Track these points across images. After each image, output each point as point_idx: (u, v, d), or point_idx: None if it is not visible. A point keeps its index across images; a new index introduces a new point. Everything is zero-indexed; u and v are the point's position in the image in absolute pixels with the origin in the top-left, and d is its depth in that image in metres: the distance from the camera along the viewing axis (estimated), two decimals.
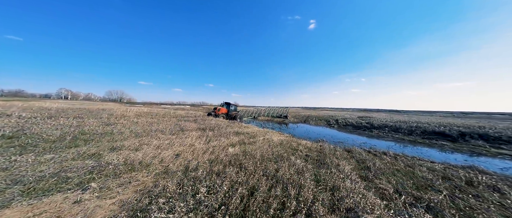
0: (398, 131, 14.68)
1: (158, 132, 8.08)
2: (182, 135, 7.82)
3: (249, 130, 11.39)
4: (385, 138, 13.07)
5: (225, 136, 8.12)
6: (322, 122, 25.53)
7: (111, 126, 8.71)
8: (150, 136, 7.24)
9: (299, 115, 35.81)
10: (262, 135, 9.95)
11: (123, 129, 8.26)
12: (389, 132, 14.81)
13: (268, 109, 38.01)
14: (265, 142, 7.91)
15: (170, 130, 8.95)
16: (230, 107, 22.69)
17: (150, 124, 10.03)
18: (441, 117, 35.70)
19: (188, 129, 9.47)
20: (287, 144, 7.88)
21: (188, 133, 8.40)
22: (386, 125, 16.44)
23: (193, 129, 9.59)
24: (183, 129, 9.35)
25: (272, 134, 10.63)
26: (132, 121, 10.80)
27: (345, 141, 11.58)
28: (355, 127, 18.44)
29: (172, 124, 10.98)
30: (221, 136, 8.16)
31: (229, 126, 12.45)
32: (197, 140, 7.01)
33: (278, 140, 8.78)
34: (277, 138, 9.66)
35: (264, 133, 10.88)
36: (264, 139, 8.68)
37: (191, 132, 8.72)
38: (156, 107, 46.70)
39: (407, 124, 15.51)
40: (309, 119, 28.40)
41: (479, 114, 53.61)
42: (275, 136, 10.36)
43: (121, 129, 8.07)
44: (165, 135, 7.66)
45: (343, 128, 19.08)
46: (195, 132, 8.77)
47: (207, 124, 11.87)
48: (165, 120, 13.10)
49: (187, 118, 16.57)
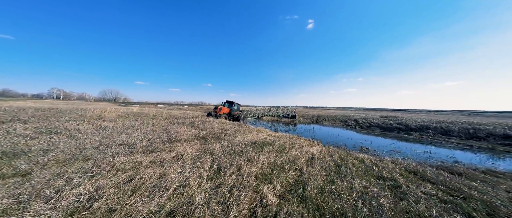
0: (449, 134, 11.69)
1: (124, 148, 4.85)
2: (168, 152, 4.66)
3: (265, 137, 8.30)
4: (439, 144, 10.02)
5: (241, 154, 4.94)
6: (337, 122, 22.53)
7: (48, 137, 5.52)
8: (101, 158, 4.03)
9: (307, 115, 32.83)
10: (289, 144, 6.87)
11: (64, 142, 5.09)
12: (436, 136, 11.81)
13: (273, 108, 34.93)
14: (305, 158, 4.83)
15: (150, 141, 5.72)
16: (233, 106, 19.61)
17: (124, 131, 6.82)
18: (453, 115, 32.95)
19: (181, 139, 6.26)
20: (340, 158, 4.82)
21: (180, 146, 5.25)
22: (427, 126, 13.42)
23: (188, 139, 6.41)
24: (173, 140, 6.15)
25: (299, 142, 7.57)
26: (100, 125, 7.60)
27: (393, 149, 8.60)
28: (384, 129, 15.45)
29: (158, 129, 7.83)
30: (235, 154, 4.97)
31: (238, 131, 9.31)
32: (194, 169, 3.65)
33: (317, 153, 5.71)
34: (310, 148, 6.59)
35: (289, 141, 7.80)
36: (301, 153, 5.56)
37: (185, 145, 5.53)
38: (152, 107, 43.27)
39: (457, 126, 12.48)
40: (321, 120, 25.39)
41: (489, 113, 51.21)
42: (305, 144, 7.30)
43: (58, 143, 4.91)
44: (134, 155, 4.38)
45: (367, 130, 16.08)
46: (191, 146, 5.55)
47: (209, 130, 8.75)
48: (152, 123, 9.92)
49: (182, 119, 13.36)
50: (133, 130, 7.16)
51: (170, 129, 8.04)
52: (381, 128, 15.84)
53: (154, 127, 8.32)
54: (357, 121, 19.46)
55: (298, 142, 7.90)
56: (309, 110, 52.79)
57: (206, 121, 13.08)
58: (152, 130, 7.45)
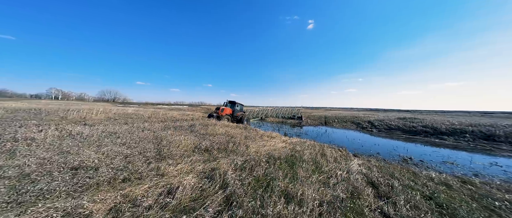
0: (494, 140, 9.95)
1: (75, 176, 2.93)
2: (151, 182, 2.94)
3: (283, 145, 6.61)
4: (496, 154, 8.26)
5: (267, 182, 3.14)
6: (348, 124, 20.80)
7: None
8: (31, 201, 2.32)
9: (312, 116, 31.12)
10: (319, 156, 5.17)
11: None
12: (477, 142, 10.10)
13: (277, 109, 33.20)
14: (362, 182, 3.13)
15: (127, 159, 3.89)
16: (235, 107, 17.96)
17: (98, 141, 5.03)
18: (468, 116, 31.16)
19: (176, 154, 4.50)
20: (411, 181, 3.12)
21: (172, 168, 3.52)
22: (462, 130, 11.68)
23: (185, 153, 4.71)
24: (164, 155, 4.40)
25: (328, 152, 5.86)
26: (71, 132, 5.87)
27: (443, 159, 6.88)
28: (407, 132, 13.74)
29: (148, 137, 6.12)
30: (259, 183, 3.11)
31: (248, 137, 7.59)
32: None
33: (366, 170, 4.02)
34: (350, 163, 4.90)
35: (313, 150, 6.07)
36: (345, 172, 3.85)
37: (180, 164, 3.80)
38: (150, 107, 41.53)
39: (500, 130, 10.66)
40: (330, 121, 23.66)
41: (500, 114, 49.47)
42: (338, 156, 5.61)
43: None
44: (82, 192, 2.62)
45: (387, 133, 14.37)
46: (189, 165, 3.80)
47: (212, 136, 7.05)
48: (143, 127, 8.20)
49: (180, 122, 11.66)
50: (112, 138, 5.44)
51: (163, 136, 6.32)
52: (404, 132, 14.12)
53: (144, 134, 6.60)
54: (373, 123, 17.74)
55: (327, 152, 6.20)
56: (311, 110, 51.02)
57: (207, 124, 11.38)
58: (138, 139, 5.72)
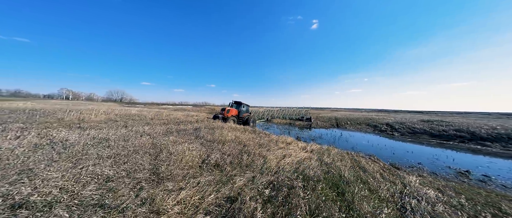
0: None
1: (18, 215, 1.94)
2: None
3: (304, 155, 5.51)
4: None
5: None
6: (363, 127, 19.38)
7: None
8: None
9: (321, 117, 29.70)
10: (357, 169, 4.04)
11: None
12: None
13: (284, 110, 31.96)
14: None
15: (108, 186, 2.85)
16: (241, 108, 16.99)
17: (81, 151, 4.01)
18: (484, 118, 28.80)
19: (177, 175, 3.44)
20: None
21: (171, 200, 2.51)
22: (509, 135, 10.11)
23: (189, 170, 3.68)
24: (162, 175, 3.37)
25: (364, 164, 4.71)
26: (54, 139, 4.99)
27: (496, 173, 5.58)
28: (437, 137, 12.28)
29: (146, 144, 5.16)
30: None
31: (262, 145, 6.50)
32: None
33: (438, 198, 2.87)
34: (410, 177, 3.76)
35: (342, 162, 4.91)
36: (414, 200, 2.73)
37: (183, 189, 2.75)
38: (155, 107, 41.24)
39: None
40: (342, 123, 22.24)
41: None
42: (361, 161, 4.47)
43: None
44: None
45: (412, 137, 12.95)
46: (195, 188, 2.75)
47: (221, 144, 6.04)
48: (142, 131, 7.29)
49: (184, 124, 10.73)
50: (100, 148, 4.49)
51: (163, 145, 5.35)
52: (432, 136, 12.67)
53: (141, 141, 5.65)
54: (393, 126, 16.29)
55: (362, 163, 5.04)
56: (316, 111, 49.28)
57: (213, 127, 10.40)
58: (133, 148, 4.76)
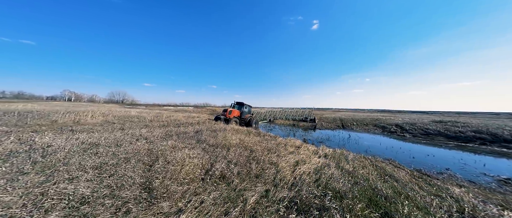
0: None
1: None
2: None
3: (319, 161, 4.88)
4: None
5: None
6: (371, 128, 18.63)
7: None
8: None
9: (325, 118, 28.98)
10: (390, 179, 3.37)
11: None
12: None
13: (286, 110, 31.31)
14: None
15: (84, 211, 2.30)
16: (244, 109, 16.46)
17: (63, 159, 3.29)
18: (492, 118, 27.73)
19: (174, 192, 2.75)
20: None
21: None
22: None
23: (190, 183, 3.05)
24: (156, 189, 2.73)
25: (389, 171, 4.05)
26: (34, 144, 4.40)
27: None
28: (453, 139, 11.53)
29: (141, 151, 4.56)
30: None
31: (271, 149, 5.86)
32: None
33: None
34: (391, 171, 3.10)
35: (363, 170, 4.24)
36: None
37: (182, 211, 2.17)
38: (156, 108, 40.83)
39: None
40: (348, 124, 21.51)
41: None
42: (386, 168, 3.81)
43: None
44: None
45: (426, 139, 12.21)
46: (196, 210, 2.18)
47: (224, 148, 5.42)
48: (139, 135, 6.70)
49: (184, 127, 10.15)
50: (86, 156, 3.89)
51: (161, 151, 4.74)
52: (448, 138, 11.92)
53: (136, 146, 5.05)
54: (403, 127, 15.53)
55: (388, 170, 4.38)
56: (318, 111, 48.44)
57: (216, 129, 9.80)
58: (124, 156, 4.16)
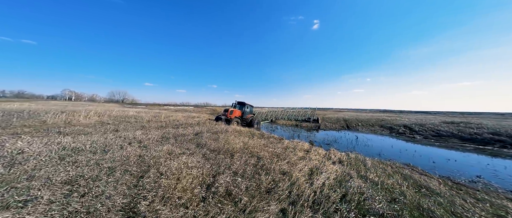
0: None
1: None
2: None
3: (337, 169, 4.25)
4: None
5: None
6: (377, 129, 17.97)
7: None
8: None
9: (328, 118, 28.30)
10: (428, 192, 2.76)
11: None
12: None
13: (288, 110, 30.69)
14: None
15: None
16: (245, 109, 15.90)
17: (31, 172, 2.73)
18: (498, 118, 26.99)
19: (171, 203, 2.19)
20: None
21: None
22: None
23: (187, 204, 2.47)
24: (142, 214, 2.22)
25: (402, 174, 3.42)
26: (8, 149, 3.81)
27: None
28: (468, 140, 10.87)
29: (132, 159, 3.93)
30: None
31: (279, 156, 5.24)
32: None
33: None
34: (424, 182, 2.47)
35: (394, 178, 3.60)
36: None
37: None
38: (157, 108, 40.28)
39: None
40: (353, 125, 20.86)
41: None
42: (415, 177, 3.18)
43: None
44: None
45: (439, 141, 11.55)
46: None
47: (228, 155, 4.79)
48: (132, 138, 6.09)
49: (184, 128, 9.53)
50: (64, 165, 3.29)
51: (154, 159, 4.13)
52: (463, 140, 11.25)
53: (127, 151, 4.44)
54: (412, 128, 14.88)
55: (419, 180, 3.75)
56: (320, 111, 47.74)
57: (217, 130, 9.19)
58: (110, 164, 3.55)
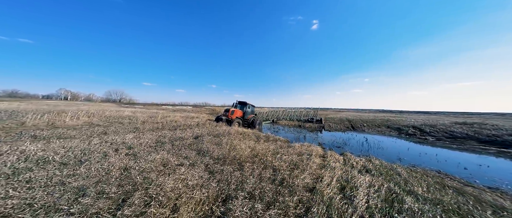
0: None
1: None
2: None
3: (363, 178, 3.46)
4: None
5: None
6: (384, 130, 17.24)
7: None
8: None
9: (331, 119, 27.52)
10: None
11: None
12: None
13: (290, 110, 29.94)
14: None
15: None
16: (246, 109, 15.16)
17: None
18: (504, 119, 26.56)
19: None
20: None
21: None
22: None
23: None
24: None
25: (443, 185, 2.68)
26: None
27: None
28: (487, 143, 10.14)
29: (114, 172, 3.11)
30: None
31: (296, 164, 4.41)
32: None
33: None
34: None
35: (438, 192, 2.82)
36: None
37: None
38: (154, 108, 39.20)
39: None
40: (358, 125, 20.14)
41: None
42: None
43: None
44: None
45: (453, 143, 10.84)
46: None
47: (236, 165, 3.96)
48: (120, 142, 5.22)
49: (182, 130, 8.66)
50: (12, 184, 2.45)
51: (145, 169, 3.29)
52: (480, 141, 10.55)
53: (109, 162, 3.60)
54: (422, 129, 14.19)
55: (487, 199, 2.96)
56: (321, 111, 47.06)
57: (218, 133, 8.35)
58: (81, 182, 2.70)
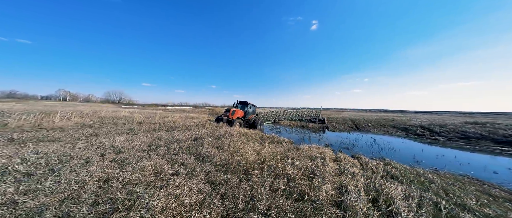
0: None
1: None
2: None
3: (398, 187, 2.90)
4: None
5: None
6: (390, 130, 16.65)
7: None
8: None
9: (333, 119, 26.95)
10: None
11: None
12: None
13: (291, 110, 29.37)
14: None
15: None
16: (247, 109, 14.61)
17: None
18: None
19: None
20: None
21: None
22: None
23: None
24: None
25: None
26: None
27: None
28: (504, 143, 9.59)
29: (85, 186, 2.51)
30: None
31: (311, 171, 3.81)
32: None
33: None
34: None
35: None
36: None
37: None
38: (153, 108, 38.56)
39: None
40: (363, 125, 19.56)
41: None
42: None
43: None
44: None
45: (466, 143, 10.26)
46: None
47: (242, 173, 3.37)
48: (109, 146, 4.64)
49: (181, 130, 8.05)
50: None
51: (131, 180, 2.70)
52: (496, 142, 9.98)
53: (90, 170, 3.01)
54: (431, 129, 13.62)
55: None
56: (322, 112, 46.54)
57: (219, 134, 7.75)
58: (43, 200, 2.12)
